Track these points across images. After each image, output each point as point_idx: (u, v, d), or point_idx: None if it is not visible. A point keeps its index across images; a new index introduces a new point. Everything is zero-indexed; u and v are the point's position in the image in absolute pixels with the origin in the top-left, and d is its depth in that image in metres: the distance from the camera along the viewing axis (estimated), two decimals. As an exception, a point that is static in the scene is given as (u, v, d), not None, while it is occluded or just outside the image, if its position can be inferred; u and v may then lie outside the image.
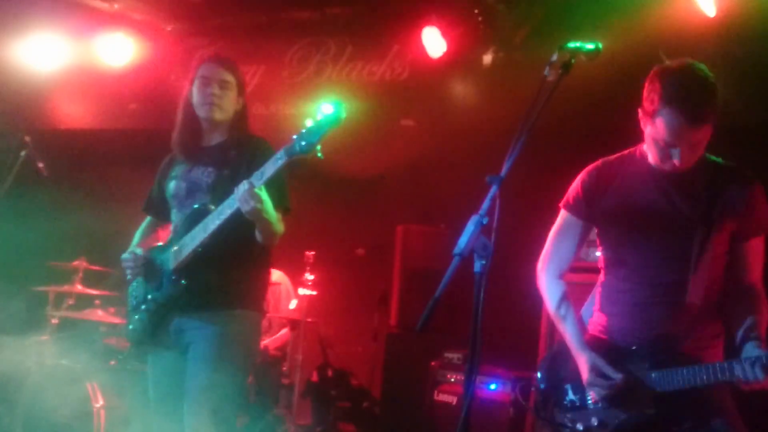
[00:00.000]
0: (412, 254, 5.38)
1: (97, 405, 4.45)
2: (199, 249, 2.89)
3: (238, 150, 3.04)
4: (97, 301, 5.16)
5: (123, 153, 6.24)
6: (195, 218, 2.93)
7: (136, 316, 3.05)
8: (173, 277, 2.95)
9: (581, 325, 2.57)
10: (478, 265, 2.01)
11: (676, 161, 2.35)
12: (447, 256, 2.08)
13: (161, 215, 3.24)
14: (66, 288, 5.16)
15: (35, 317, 5.33)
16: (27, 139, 4.97)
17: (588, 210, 2.58)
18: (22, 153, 4.92)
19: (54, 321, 5.07)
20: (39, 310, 5.31)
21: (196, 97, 3.07)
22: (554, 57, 2.28)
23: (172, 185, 3.11)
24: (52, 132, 6.31)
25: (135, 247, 3.19)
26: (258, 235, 2.90)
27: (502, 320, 3.89)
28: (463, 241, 2.01)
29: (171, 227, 3.13)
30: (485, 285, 1.99)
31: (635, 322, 2.45)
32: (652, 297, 2.43)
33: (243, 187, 2.73)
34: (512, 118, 2.54)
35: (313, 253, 5.27)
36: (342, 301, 5.77)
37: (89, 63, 6.26)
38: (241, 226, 2.81)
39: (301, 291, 5.25)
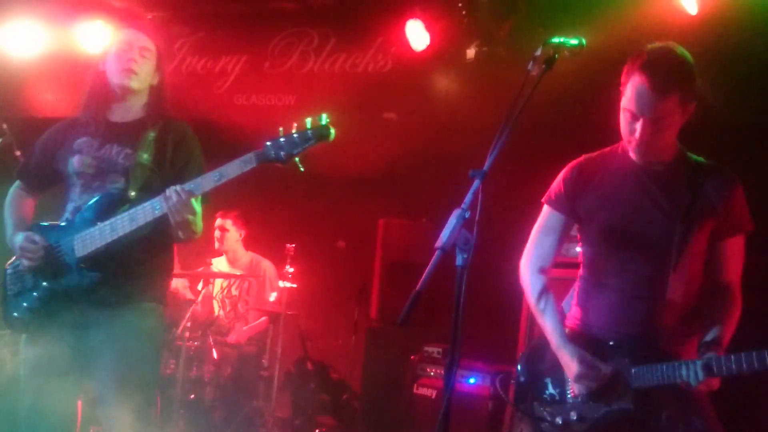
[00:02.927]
0: (393, 248, 5.38)
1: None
2: (113, 238, 2.65)
3: (159, 133, 2.80)
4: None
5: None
6: (110, 203, 2.70)
7: (24, 304, 2.74)
8: (81, 267, 2.68)
9: (562, 319, 2.58)
10: (459, 259, 2.01)
11: (636, 136, 2.37)
12: (428, 250, 2.07)
13: (39, 186, 2.98)
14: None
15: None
16: (4, 126, 4.88)
17: (570, 206, 2.59)
18: (0, 140, 4.85)
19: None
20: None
21: (111, 64, 2.83)
22: (538, 52, 2.29)
23: (75, 160, 2.80)
24: (30, 120, 6.20)
25: (17, 224, 2.89)
26: (178, 235, 2.73)
27: (482, 314, 3.90)
28: (445, 234, 2.00)
29: (69, 206, 2.81)
30: (466, 279, 1.99)
31: (615, 317, 2.47)
32: (632, 293, 2.45)
33: (177, 195, 2.56)
34: (495, 113, 2.55)
35: (293, 245, 5.25)
36: (322, 294, 5.76)
37: (68, 50, 6.18)
38: (161, 221, 2.64)
39: (282, 283, 5.24)
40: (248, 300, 5.67)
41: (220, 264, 5.78)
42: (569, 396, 2.49)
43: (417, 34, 5.40)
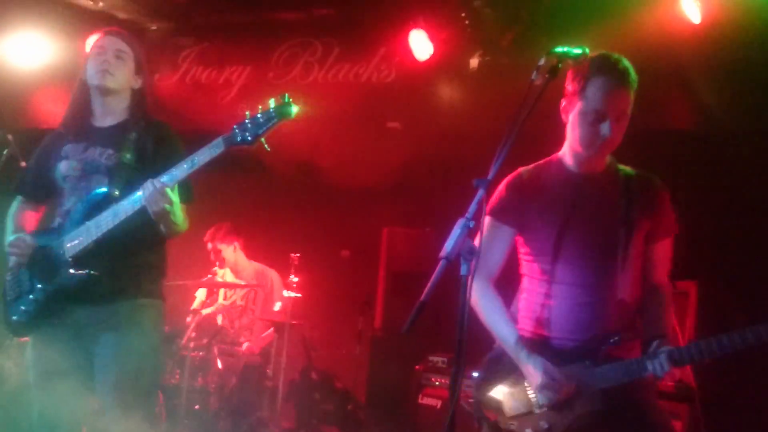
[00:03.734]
0: (397, 257, 5.38)
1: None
2: (103, 237, 2.71)
3: (140, 133, 2.88)
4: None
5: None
6: (97, 203, 2.76)
7: (22, 307, 2.81)
8: (72, 266, 2.74)
9: (516, 329, 2.59)
10: (464, 268, 2.01)
11: (605, 134, 2.45)
12: (432, 259, 2.07)
13: (38, 197, 3.06)
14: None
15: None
16: (9, 137, 4.91)
17: (515, 217, 2.63)
18: (5, 152, 4.87)
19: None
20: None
21: (89, 69, 2.93)
22: (541, 61, 2.30)
23: (62, 165, 2.89)
24: (36, 131, 6.23)
25: (14, 232, 2.96)
26: (161, 230, 2.76)
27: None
28: (449, 244, 2.01)
29: (59, 210, 2.91)
30: (471, 288, 1.99)
31: (569, 323, 2.52)
32: (585, 297, 2.52)
33: (152, 186, 2.61)
34: (499, 122, 2.56)
35: (298, 255, 5.26)
36: (327, 303, 5.76)
37: (73, 62, 6.19)
38: (144, 215, 2.68)
39: (286, 293, 5.24)
40: (254, 309, 5.67)
41: (225, 275, 5.78)
42: (536, 406, 2.49)
43: (420, 44, 5.41)
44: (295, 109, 2.59)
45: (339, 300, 5.84)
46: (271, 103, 2.60)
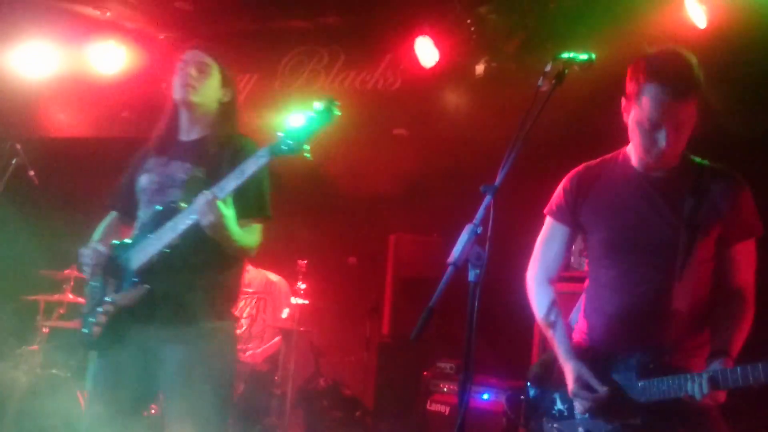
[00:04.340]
0: (404, 263, 5.38)
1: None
2: (167, 250, 2.67)
3: (220, 147, 2.85)
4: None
5: (115, 161, 6.18)
6: (163, 215, 2.72)
7: (92, 319, 2.78)
8: (135, 279, 2.71)
9: (569, 332, 2.54)
10: (472, 275, 2.01)
11: (662, 145, 2.33)
12: (440, 266, 2.07)
13: (128, 211, 3.01)
14: (57, 297, 5.13)
15: (25, 327, 5.29)
16: (18, 147, 4.95)
17: (572, 216, 2.57)
18: (13, 161, 4.91)
19: (44, 330, 5.04)
20: (29, 319, 5.27)
21: (174, 84, 2.91)
22: (548, 67, 2.28)
23: (143, 178, 2.90)
24: (44, 140, 6.28)
25: (93, 242, 2.91)
26: (222, 245, 2.71)
27: (495, 329, 3.89)
28: (457, 250, 2.00)
29: (137, 222, 2.90)
30: (479, 294, 1.98)
31: (621, 330, 2.42)
32: (637, 305, 2.40)
33: (203, 198, 2.56)
34: (505, 128, 2.56)
35: (305, 261, 5.26)
36: (334, 310, 5.76)
37: (81, 71, 6.24)
38: (210, 234, 2.61)
39: (293, 300, 5.24)
40: (265, 319, 5.68)
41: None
42: (578, 412, 2.44)
43: (426, 51, 5.43)
44: (335, 113, 2.51)
45: (346, 307, 5.84)
46: (312, 108, 2.53)
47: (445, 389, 4.57)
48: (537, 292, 2.60)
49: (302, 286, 5.20)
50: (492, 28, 5.13)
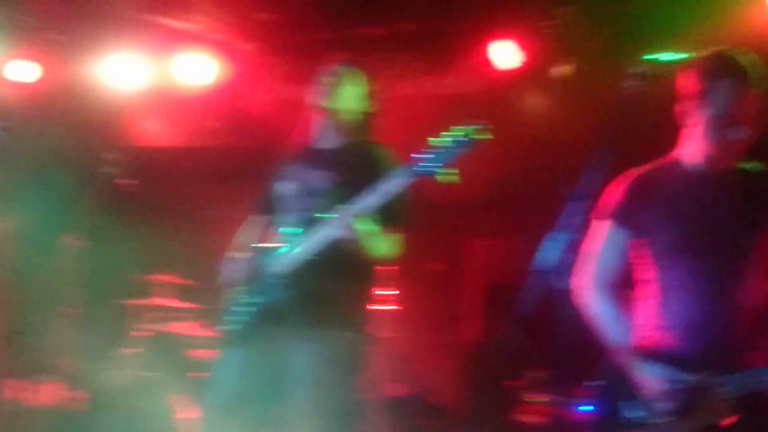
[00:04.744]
0: (490, 269, 5.35)
1: (185, 416, 4.56)
2: (308, 258, 2.77)
3: (358, 156, 2.92)
4: (183, 314, 5.32)
5: (204, 170, 6.43)
6: (306, 225, 2.82)
7: (233, 319, 2.94)
8: (280, 284, 2.82)
9: (640, 335, 2.50)
10: (558, 281, 1.99)
11: (733, 138, 2.33)
12: (526, 272, 2.06)
13: (267, 216, 3.12)
14: (152, 301, 5.34)
15: (123, 330, 5.53)
16: (112, 157, 5.17)
17: (631, 220, 2.52)
18: (107, 171, 5.13)
19: (141, 334, 5.24)
20: (127, 323, 5.51)
21: (317, 92, 3.00)
22: (632, 69, 2.25)
23: (282, 186, 3.01)
24: (136, 150, 6.53)
25: (239, 247, 3.08)
26: (363, 257, 2.78)
27: (585, 337, 3.81)
28: (543, 256, 1.99)
29: (277, 229, 3.01)
30: (568, 302, 1.96)
31: (689, 331, 2.40)
32: (703, 304, 2.39)
33: (341, 213, 2.63)
34: (588, 131, 2.52)
35: (387, 268, 5.28)
36: (418, 316, 5.77)
37: (170, 82, 6.47)
38: (349, 245, 2.71)
39: (380, 306, 5.26)
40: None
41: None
42: (654, 417, 2.39)
43: (506, 54, 5.38)
44: (480, 138, 2.54)
45: (431, 313, 5.84)
46: (454, 131, 2.55)
47: (536, 399, 4.49)
48: (597, 299, 2.54)
49: (389, 292, 5.22)
50: (573, 29, 5.05)
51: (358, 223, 2.63)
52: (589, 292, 2.57)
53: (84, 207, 4.81)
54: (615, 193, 2.56)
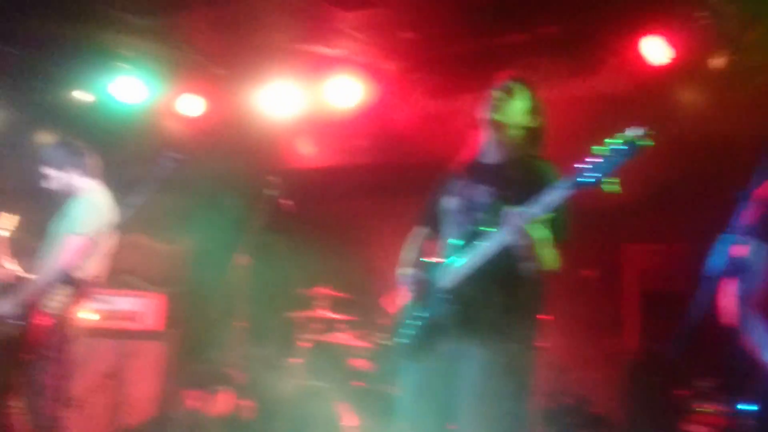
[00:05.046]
0: (649, 275, 5.16)
1: (348, 424, 4.74)
2: (473, 272, 2.79)
3: (522, 171, 2.93)
4: (341, 325, 5.54)
5: (355, 187, 6.68)
6: (469, 238, 2.85)
7: (405, 331, 3.01)
8: (445, 298, 2.87)
9: None
10: (732, 288, 1.92)
11: None
12: (690, 278, 2.00)
13: (435, 229, 3.16)
14: (313, 313, 5.61)
15: (288, 341, 5.85)
16: (273, 179, 5.49)
17: None
18: (270, 192, 5.44)
19: (305, 344, 5.52)
20: (291, 334, 5.82)
21: (483, 108, 3.02)
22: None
23: (447, 201, 3.05)
24: (294, 171, 6.87)
25: (407, 261, 3.15)
26: (527, 267, 2.77)
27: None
28: (713, 261, 1.93)
29: (443, 244, 3.05)
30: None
31: None
32: None
33: (512, 219, 2.64)
34: (752, 126, 2.40)
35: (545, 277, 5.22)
36: (574, 324, 5.65)
37: (321, 106, 6.78)
38: (516, 255, 2.71)
39: (538, 316, 5.21)
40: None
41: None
42: None
43: (656, 49, 5.17)
44: (642, 145, 2.50)
45: (587, 320, 5.70)
46: (617, 139, 2.53)
47: (705, 410, 4.28)
48: (749, 316, 2.31)
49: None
50: (729, 19, 4.79)
51: (530, 229, 2.62)
52: (739, 308, 2.46)
53: (251, 227, 5.12)
54: (759, 206, 2.42)
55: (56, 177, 4.28)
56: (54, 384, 4.01)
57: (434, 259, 3.04)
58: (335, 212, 7.02)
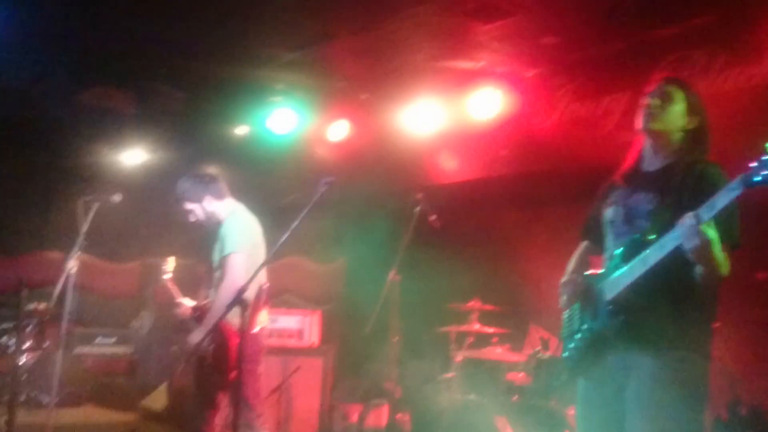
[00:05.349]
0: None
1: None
2: (638, 282, 2.71)
3: (683, 176, 2.82)
4: (494, 339, 5.49)
5: (499, 198, 6.62)
6: (633, 248, 2.78)
7: (571, 345, 2.98)
8: (609, 309, 2.81)
9: None
10: None
11: None
12: None
13: (598, 241, 3.11)
14: (465, 328, 5.59)
15: (442, 356, 5.86)
16: (420, 195, 5.56)
17: None
18: (417, 209, 5.51)
19: (458, 359, 5.51)
20: (444, 349, 5.83)
21: (638, 115, 2.95)
22: None
23: (609, 211, 3.00)
24: (439, 186, 6.93)
25: (570, 272, 3.11)
26: (697, 273, 2.64)
27: None
28: None
29: (606, 254, 3.00)
30: None
31: None
32: None
33: (687, 222, 2.51)
34: None
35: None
36: (749, 330, 5.26)
37: (463, 120, 6.79)
38: (683, 261, 2.59)
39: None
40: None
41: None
42: None
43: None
44: None
45: (760, 327, 5.29)
46: None
47: None
48: None
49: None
50: None
51: (705, 231, 2.48)
52: None
53: (401, 244, 5.20)
54: None
55: (197, 209, 4.50)
56: (253, 397, 4.26)
57: (597, 271, 2.99)
58: (483, 225, 6.99)
